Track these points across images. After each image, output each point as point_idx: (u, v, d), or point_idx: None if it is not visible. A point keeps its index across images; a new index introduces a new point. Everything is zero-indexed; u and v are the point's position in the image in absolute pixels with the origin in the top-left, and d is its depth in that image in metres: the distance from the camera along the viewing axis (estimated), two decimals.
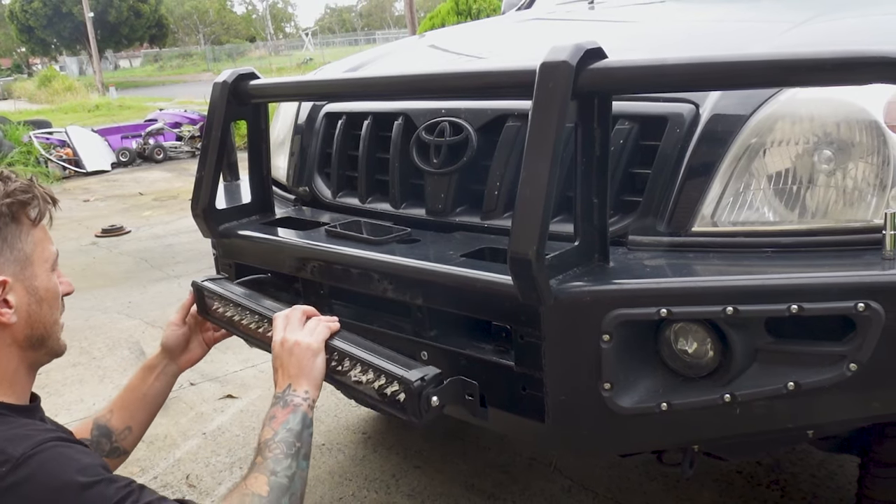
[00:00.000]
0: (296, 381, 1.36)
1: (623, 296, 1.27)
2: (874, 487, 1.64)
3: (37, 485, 1.07)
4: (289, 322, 1.43)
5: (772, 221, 1.35)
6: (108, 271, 5.42)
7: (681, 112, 1.41)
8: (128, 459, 1.67)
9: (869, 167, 1.29)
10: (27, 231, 1.25)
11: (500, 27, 2.59)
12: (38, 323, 1.26)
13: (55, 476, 1.09)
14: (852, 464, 1.81)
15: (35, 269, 1.26)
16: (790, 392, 1.22)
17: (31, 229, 1.26)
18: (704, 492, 2.34)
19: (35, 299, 1.25)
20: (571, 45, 1.24)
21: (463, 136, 1.64)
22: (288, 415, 1.32)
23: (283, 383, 1.37)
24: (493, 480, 2.49)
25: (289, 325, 1.42)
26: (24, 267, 1.24)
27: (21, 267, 1.23)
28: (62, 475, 1.09)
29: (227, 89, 1.80)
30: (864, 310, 1.16)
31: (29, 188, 1.26)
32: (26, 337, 1.25)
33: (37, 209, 1.26)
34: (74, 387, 3.45)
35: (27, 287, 1.24)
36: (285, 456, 1.27)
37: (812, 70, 1.10)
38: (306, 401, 1.35)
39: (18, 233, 1.24)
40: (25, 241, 1.24)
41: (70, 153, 10.40)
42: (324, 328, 1.42)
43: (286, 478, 1.26)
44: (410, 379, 1.30)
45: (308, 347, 1.38)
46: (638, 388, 1.31)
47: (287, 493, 1.25)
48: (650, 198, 1.42)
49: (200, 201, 1.85)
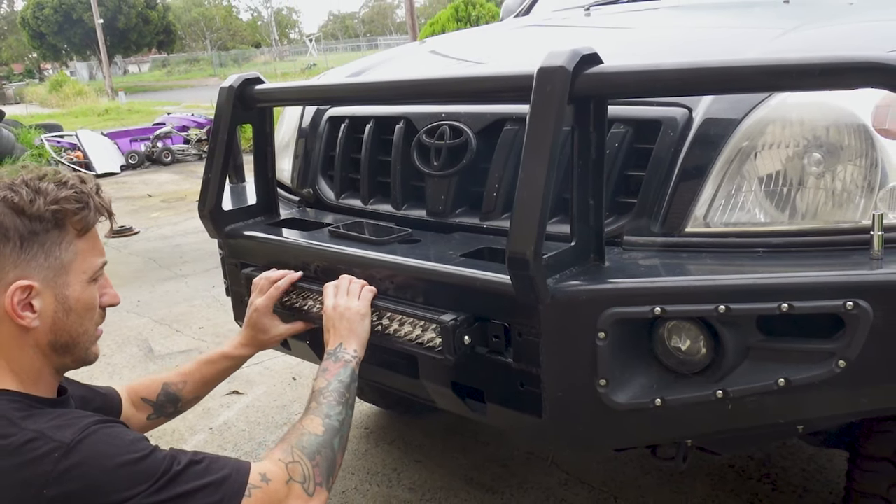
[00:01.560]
0: (346, 340, 1.47)
1: (618, 295, 1.27)
2: (862, 481, 1.64)
3: (93, 465, 1.09)
4: (338, 290, 1.53)
5: (763, 222, 1.35)
6: (117, 271, 5.41)
7: (674, 116, 1.41)
8: None
9: (857, 169, 1.29)
10: (69, 240, 1.22)
11: (499, 33, 2.59)
12: (62, 331, 1.23)
13: (108, 455, 1.11)
14: (841, 458, 1.81)
15: (69, 279, 1.22)
16: (781, 388, 1.22)
17: (75, 238, 1.22)
18: (697, 485, 2.34)
19: (63, 308, 1.22)
20: (568, 50, 1.24)
21: (462, 139, 1.65)
22: (339, 368, 1.43)
23: (335, 342, 1.47)
24: (491, 474, 2.49)
25: (338, 292, 1.53)
26: (58, 275, 1.21)
27: (54, 274, 1.20)
28: (114, 453, 1.11)
29: (234, 94, 1.80)
30: (852, 308, 1.16)
31: (82, 198, 1.22)
32: (49, 342, 1.22)
33: (84, 220, 1.23)
34: None
35: (56, 295, 1.21)
36: (337, 403, 1.37)
37: (801, 75, 1.10)
38: (355, 358, 1.46)
39: (59, 240, 1.20)
40: (65, 249, 1.21)
41: (80, 156, 10.39)
42: (368, 293, 1.53)
43: (338, 421, 1.35)
44: (445, 320, 1.39)
45: (357, 311, 1.49)
46: (633, 384, 1.31)
47: (338, 434, 1.34)
48: (644, 199, 1.42)
49: (207, 203, 1.85)
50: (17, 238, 1.16)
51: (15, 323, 1.18)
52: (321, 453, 1.28)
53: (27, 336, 1.20)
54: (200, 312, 4.31)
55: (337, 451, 1.33)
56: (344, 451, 1.37)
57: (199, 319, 4.20)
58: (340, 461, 1.35)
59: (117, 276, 5.29)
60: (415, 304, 1.49)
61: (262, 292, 1.67)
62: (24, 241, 1.17)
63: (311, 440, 1.29)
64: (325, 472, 1.28)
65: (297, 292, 1.68)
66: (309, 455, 1.26)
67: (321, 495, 1.25)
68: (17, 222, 1.16)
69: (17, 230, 1.16)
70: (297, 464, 1.23)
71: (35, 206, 1.17)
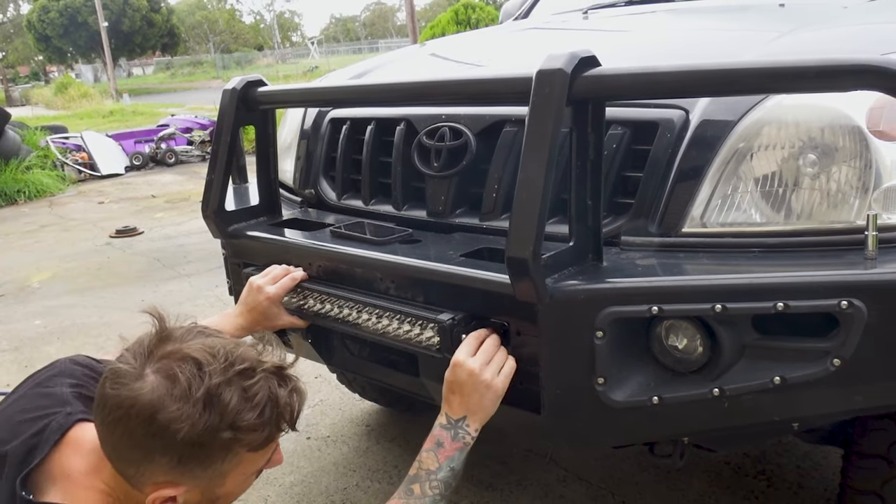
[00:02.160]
0: (472, 416, 1.34)
1: (616, 294, 1.27)
2: (857, 478, 1.64)
3: None
4: (483, 352, 1.34)
5: (759, 223, 1.35)
6: (122, 271, 5.41)
7: (671, 118, 1.41)
8: None
9: (852, 170, 1.29)
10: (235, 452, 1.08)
11: (498, 36, 2.59)
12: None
13: None
14: (836, 455, 1.81)
15: (225, 481, 1.11)
16: (776, 386, 1.22)
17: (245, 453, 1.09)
18: (694, 482, 2.34)
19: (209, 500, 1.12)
20: (566, 53, 1.24)
21: (462, 140, 1.64)
22: (455, 451, 1.31)
23: (460, 412, 1.34)
24: (490, 471, 2.49)
25: (481, 356, 1.34)
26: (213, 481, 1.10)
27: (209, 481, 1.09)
28: None
29: (236, 96, 1.80)
30: (847, 307, 1.16)
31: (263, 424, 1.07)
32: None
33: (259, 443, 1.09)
34: None
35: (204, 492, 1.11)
36: (441, 497, 1.27)
37: (796, 77, 1.11)
38: (473, 440, 1.34)
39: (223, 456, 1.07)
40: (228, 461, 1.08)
41: (85, 157, 10.38)
42: (509, 371, 1.36)
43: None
44: (443, 319, 1.38)
45: (495, 391, 1.33)
46: (630, 382, 1.31)
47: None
48: (642, 200, 1.42)
49: (210, 203, 1.85)
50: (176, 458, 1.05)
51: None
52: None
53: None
54: (203, 312, 4.31)
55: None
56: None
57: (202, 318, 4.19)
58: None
59: (122, 275, 5.30)
60: (415, 303, 1.49)
61: (274, 280, 1.65)
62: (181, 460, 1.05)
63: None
64: None
65: (302, 291, 1.68)
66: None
67: None
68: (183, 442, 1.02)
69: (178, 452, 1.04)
70: None
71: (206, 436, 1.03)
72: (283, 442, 2.90)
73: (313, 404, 3.09)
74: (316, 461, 2.66)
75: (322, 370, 3.27)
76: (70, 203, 8.63)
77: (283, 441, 2.88)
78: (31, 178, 9.04)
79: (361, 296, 1.56)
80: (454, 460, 1.30)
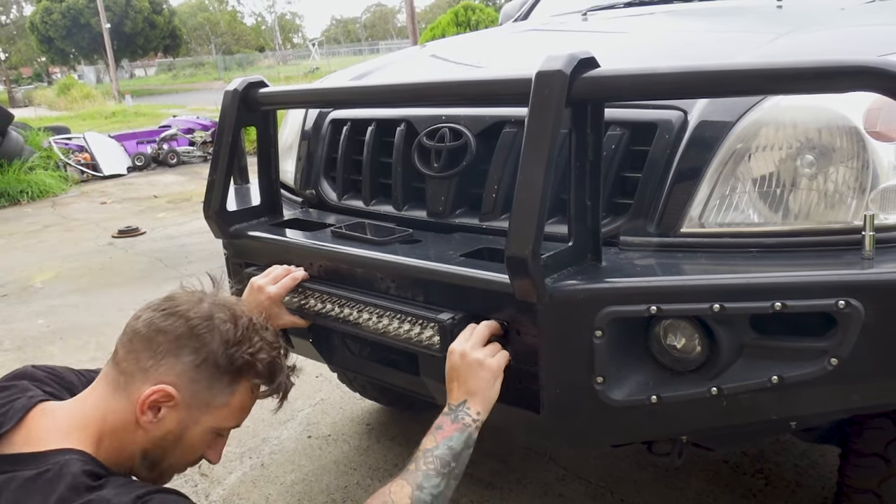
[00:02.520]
0: (472, 398, 1.33)
1: (615, 294, 1.27)
2: (854, 476, 1.64)
3: None
4: (474, 335, 1.36)
5: (756, 223, 1.35)
6: (124, 270, 5.41)
7: (670, 119, 1.41)
8: None
9: (849, 171, 1.29)
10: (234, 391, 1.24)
11: (498, 38, 2.59)
12: (160, 449, 1.23)
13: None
14: (833, 453, 1.81)
15: (202, 419, 1.23)
16: (774, 385, 1.22)
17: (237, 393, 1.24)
18: (692, 481, 2.34)
19: (177, 436, 1.23)
20: (566, 54, 1.24)
21: (462, 141, 1.64)
22: (454, 431, 1.30)
23: (459, 397, 1.33)
24: (490, 470, 2.49)
25: (472, 339, 1.35)
26: (199, 409, 1.22)
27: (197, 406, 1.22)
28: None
29: (238, 97, 1.80)
30: (844, 307, 1.16)
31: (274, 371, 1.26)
32: (144, 449, 1.22)
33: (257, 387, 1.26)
34: None
35: (181, 420, 1.22)
36: (437, 474, 1.25)
37: (794, 79, 1.11)
38: (476, 422, 1.32)
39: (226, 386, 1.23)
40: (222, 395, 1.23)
41: (88, 158, 10.38)
42: (504, 354, 1.37)
43: (430, 496, 1.22)
44: (443, 319, 1.39)
45: (490, 369, 1.33)
46: (629, 381, 1.31)
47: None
48: (641, 200, 1.42)
49: (212, 204, 1.85)
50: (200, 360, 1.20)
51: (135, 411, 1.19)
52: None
53: (134, 429, 1.20)
54: None
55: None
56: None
57: None
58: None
59: (124, 275, 5.29)
60: (415, 302, 1.49)
61: (275, 280, 1.65)
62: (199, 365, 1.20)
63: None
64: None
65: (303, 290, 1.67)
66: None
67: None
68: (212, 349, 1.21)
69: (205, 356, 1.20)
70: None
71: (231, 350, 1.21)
72: (286, 441, 2.91)
73: (314, 403, 3.09)
74: (317, 459, 2.66)
75: (323, 369, 3.27)
76: (73, 203, 8.63)
77: (286, 440, 2.89)
78: (34, 178, 9.04)
79: (362, 295, 1.56)
80: (452, 440, 1.28)
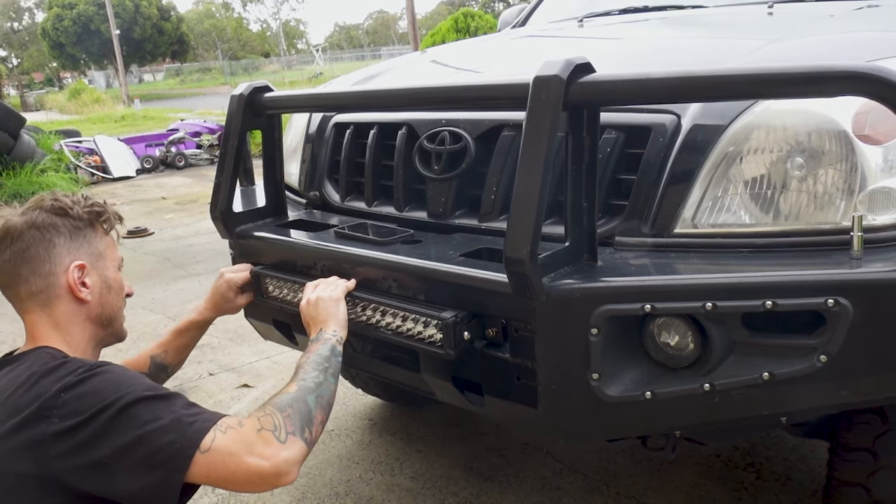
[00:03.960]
0: (325, 324, 1.52)
1: (610, 292, 1.27)
2: (842, 469, 1.64)
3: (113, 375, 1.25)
4: (314, 288, 1.59)
5: (748, 224, 1.35)
6: (133, 270, 5.41)
7: (663, 122, 1.41)
8: None
9: (838, 173, 1.29)
10: (100, 236, 1.49)
11: (496, 44, 2.59)
12: (107, 305, 1.46)
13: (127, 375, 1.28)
14: (822, 448, 1.81)
15: (106, 263, 1.48)
16: (765, 382, 1.22)
17: (103, 235, 1.50)
18: (686, 474, 2.34)
19: (105, 285, 1.46)
20: (562, 60, 1.24)
21: (462, 144, 1.64)
22: (319, 346, 1.47)
23: (315, 329, 1.52)
24: (489, 463, 2.49)
25: (313, 290, 1.59)
26: (99, 259, 1.46)
27: (96, 259, 1.46)
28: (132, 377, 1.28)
29: (244, 101, 1.80)
30: (833, 305, 1.16)
31: (104, 207, 1.51)
32: (97, 315, 1.44)
33: (108, 222, 1.52)
34: None
35: (100, 275, 1.46)
36: (313, 369, 1.40)
37: (784, 83, 1.11)
38: (335, 335, 1.50)
39: (94, 235, 1.48)
40: (99, 242, 1.48)
41: (98, 160, 10.38)
42: (342, 284, 1.58)
43: (313, 383, 1.37)
44: (446, 317, 1.39)
45: (330, 298, 1.54)
46: (624, 377, 1.31)
47: (313, 393, 1.35)
48: (635, 202, 1.42)
49: (219, 205, 1.85)
50: (67, 232, 1.42)
51: (73, 297, 1.40)
52: (293, 406, 1.29)
53: (81, 310, 1.42)
54: None
55: (313, 407, 1.32)
56: (325, 411, 1.36)
57: None
58: (322, 418, 1.34)
59: (133, 274, 5.29)
60: (416, 301, 1.49)
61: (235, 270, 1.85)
62: (71, 234, 1.43)
63: (282, 397, 1.31)
64: (298, 423, 1.27)
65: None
66: (279, 408, 1.28)
67: (295, 444, 1.24)
68: (64, 221, 1.43)
69: (66, 226, 1.43)
70: (269, 416, 1.26)
71: (74, 210, 1.44)
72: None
73: None
74: (321, 454, 2.66)
75: None
76: None
77: None
78: (45, 180, 9.04)
79: (364, 294, 1.56)
80: (319, 350, 1.45)
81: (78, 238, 1.44)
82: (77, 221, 1.44)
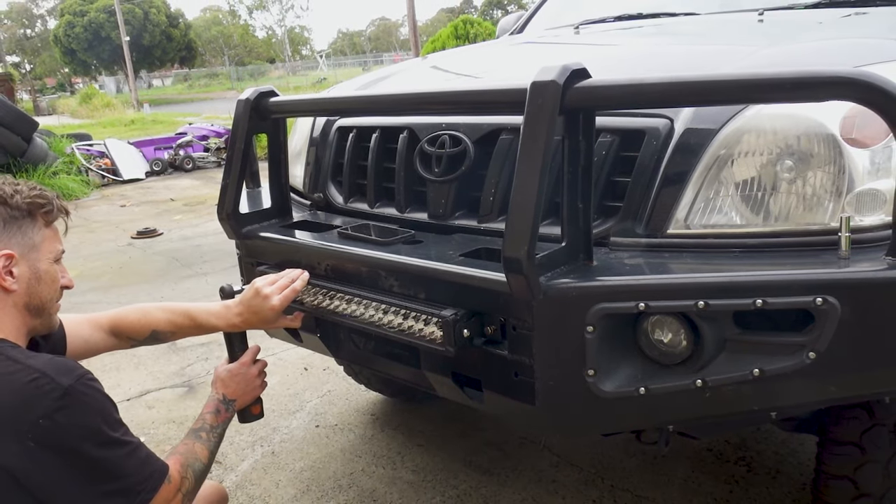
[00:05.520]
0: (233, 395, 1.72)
1: (605, 291, 1.27)
2: (831, 463, 1.64)
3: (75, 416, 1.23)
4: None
5: (739, 224, 1.35)
6: (142, 269, 5.42)
7: (657, 126, 1.41)
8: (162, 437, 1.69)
9: (826, 176, 1.29)
10: (39, 227, 1.43)
11: (495, 50, 2.59)
12: (35, 296, 1.42)
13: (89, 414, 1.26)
14: (812, 442, 1.81)
15: (39, 255, 1.43)
16: (755, 378, 1.22)
17: (43, 227, 1.44)
18: (678, 467, 2.34)
19: (35, 277, 1.41)
20: (559, 66, 1.24)
21: (461, 147, 1.64)
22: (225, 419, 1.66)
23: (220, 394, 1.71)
24: (488, 457, 2.50)
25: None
26: (31, 251, 1.41)
27: (28, 250, 1.40)
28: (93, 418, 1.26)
29: (250, 106, 1.80)
30: (822, 304, 1.16)
31: (48, 198, 1.44)
32: (25, 304, 1.40)
33: (50, 213, 1.45)
34: (112, 373, 3.45)
35: (30, 266, 1.41)
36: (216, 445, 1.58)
37: (774, 88, 1.11)
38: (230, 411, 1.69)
39: (31, 226, 1.42)
40: (36, 233, 1.43)
41: (108, 163, 10.38)
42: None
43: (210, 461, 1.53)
44: (446, 315, 1.39)
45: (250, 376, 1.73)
46: (619, 374, 1.31)
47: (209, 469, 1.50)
48: (630, 203, 1.42)
49: (226, 206, 1.85)
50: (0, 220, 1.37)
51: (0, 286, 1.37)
52: (199, 480, 1.47)
53: (8, 298, 1.38)
54: None
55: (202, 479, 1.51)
56: None
57: None
58: None
59: (143, 274, 5.30)
60: (417, 299, 1.49)
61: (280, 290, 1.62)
62: (5, 223, 1.38)
63: (199, 467, 1.47)
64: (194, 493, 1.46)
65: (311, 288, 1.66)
66: (196, 478, 1.45)
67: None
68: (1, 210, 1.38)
69: (1, 215, 1.38)
70: (187, 480, 1.42)
71: (14, 199, 1.39)
72: (295, 430, 2.90)
73: (322, 394, 3.09)
74: (324, 447, 2.66)
75: (330, 363, 3.27)
76: (94, 206, 8.63)
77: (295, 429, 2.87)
78: (57, 182, 9.04)
79: (367, 293, 1.56)
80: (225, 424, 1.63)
81: (12, 227, 1.39)
82: (14, 211, 1.40)
